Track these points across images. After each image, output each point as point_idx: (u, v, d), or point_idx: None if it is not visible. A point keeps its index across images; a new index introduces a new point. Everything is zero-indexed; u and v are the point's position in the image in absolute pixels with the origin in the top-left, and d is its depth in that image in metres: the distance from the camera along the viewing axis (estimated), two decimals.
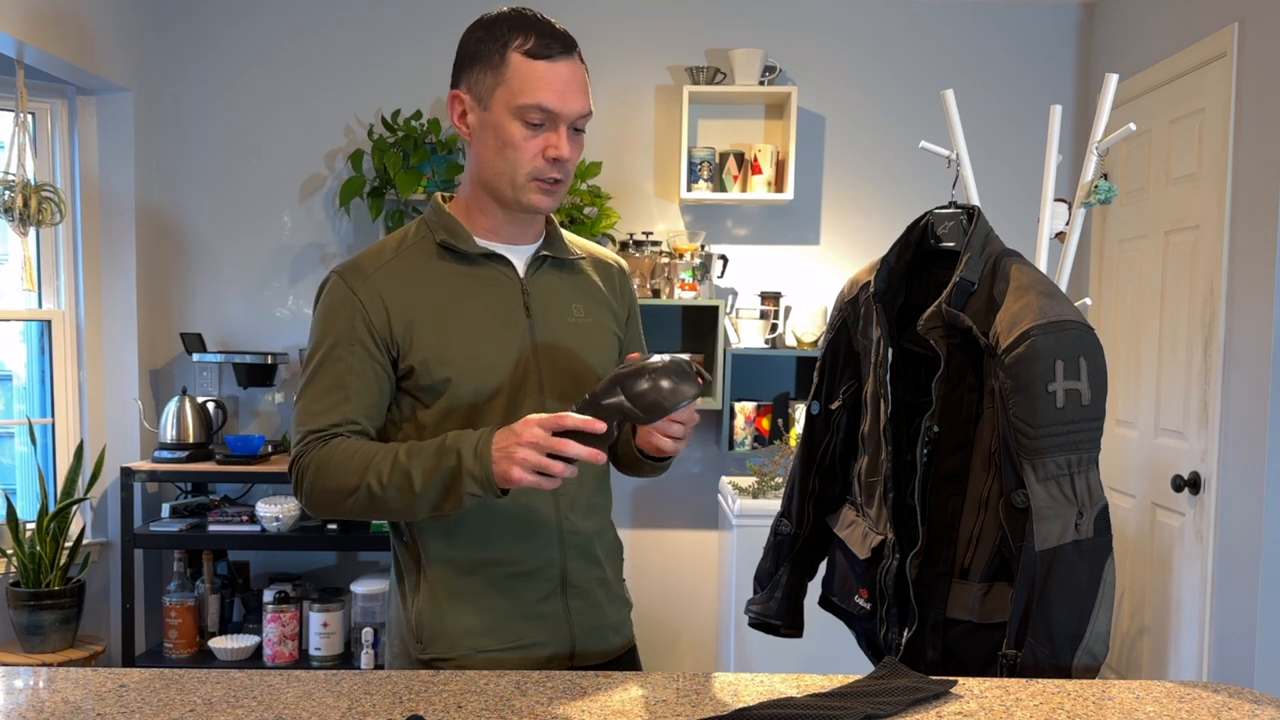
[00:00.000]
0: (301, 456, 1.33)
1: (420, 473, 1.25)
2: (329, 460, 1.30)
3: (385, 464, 1.27)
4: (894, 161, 3.66)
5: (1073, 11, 3.66)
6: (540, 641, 1.39)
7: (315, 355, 1.36)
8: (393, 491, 1.26)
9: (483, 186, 1.38)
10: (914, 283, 1.68)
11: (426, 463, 1.25)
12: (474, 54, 1.34)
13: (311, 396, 1.35)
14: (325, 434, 1.32)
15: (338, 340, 1.34)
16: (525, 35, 1.31)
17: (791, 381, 3.69)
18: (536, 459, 1.18)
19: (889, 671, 1.24)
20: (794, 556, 1.81)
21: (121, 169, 3.48)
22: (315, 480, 1.31)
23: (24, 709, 1.13)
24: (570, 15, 3.60)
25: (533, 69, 1.30)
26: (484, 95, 1.33)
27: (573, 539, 1.41)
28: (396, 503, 1.27)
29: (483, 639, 1.37)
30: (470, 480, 1.22)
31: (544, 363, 1.39)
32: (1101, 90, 2.12)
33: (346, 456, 1.30)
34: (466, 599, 1.37)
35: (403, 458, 1.27)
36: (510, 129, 1.31)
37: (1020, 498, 1.39)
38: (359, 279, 1.35)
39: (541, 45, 1.31)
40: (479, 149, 1.36)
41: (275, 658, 3.34)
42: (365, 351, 1.34)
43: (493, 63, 1.32)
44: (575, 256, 1.48)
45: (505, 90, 1.31)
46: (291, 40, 3.64)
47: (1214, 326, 2.78)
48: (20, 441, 3.54)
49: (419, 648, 1.38)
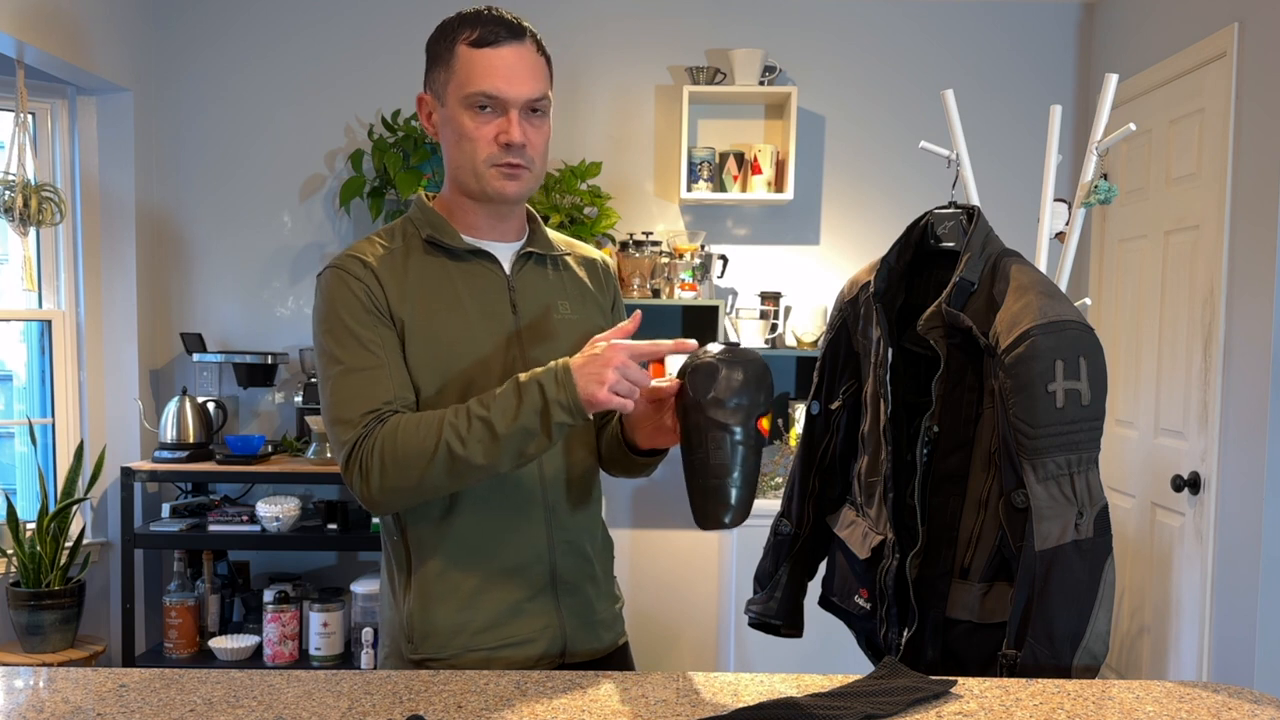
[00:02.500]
0: (362, 440, 1.28)
1: (502, 416, 1.23)
2: (394, 431, 1.26)
3: (460, 420, 1.25)
4: (894, 161, 3.66)
5: (1073, 11, 3.66)
6: (531, 639, 1.39)
7: (339, 341, 1.32)
8: (474, 445, 1.23)
9: (455, 183, 1.40)
10: (914, 283, 1.69)
11: (506, 404, 1.24)
12: (432, 55, 1.37)
13: (351, 381, 1.31)
14: (381, 413, 1.29)
15: (359, 320, 1.32)
16: (472, 27, 1.33)
17: (791, 381, 3.69)
18: (627, 384, 1.22)
19: (889, 671, 1.24)
20: (794, 556, 1.81)
21: (121, 169, 3.48)
22: (384, 457, 1.26)
23: (24, 709, 1.13)
24: (570, 15, 3.61)
25: (478, 57, 1.32)
26: (440, 92, 1.36)
27: (562, 535, 1.41)
28: (480, 457, 1.24)
29: (474, 637, 1.37)
30: (559, 409, 1.22)
31: (529, 359, 1.39)
32: (1101, 90, 2.12)
33: (414, 423, 1.27)
34: (457, 598, 1.37)
35: (477, 408, 1.25)
36: (463, 120, 1.33)
37: (1020, 498, 1.39)
38: (358, 266, 1.35)
39: (486, 33, 1.32)
40: (445, 146, 1.39)
41: (275, 658, 3.34)
42: (386, 328, 1.33)
43: (444, 59, 1.35)
44: (559, 253, 1.49)
45: (454, 83, 1.33)
46: (291, 40, 3.64)
47: (1214, 326, 2.78)
48: (20, 441, 3.55)
49: (409, 647, 1.38)
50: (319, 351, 1.36)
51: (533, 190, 1.41)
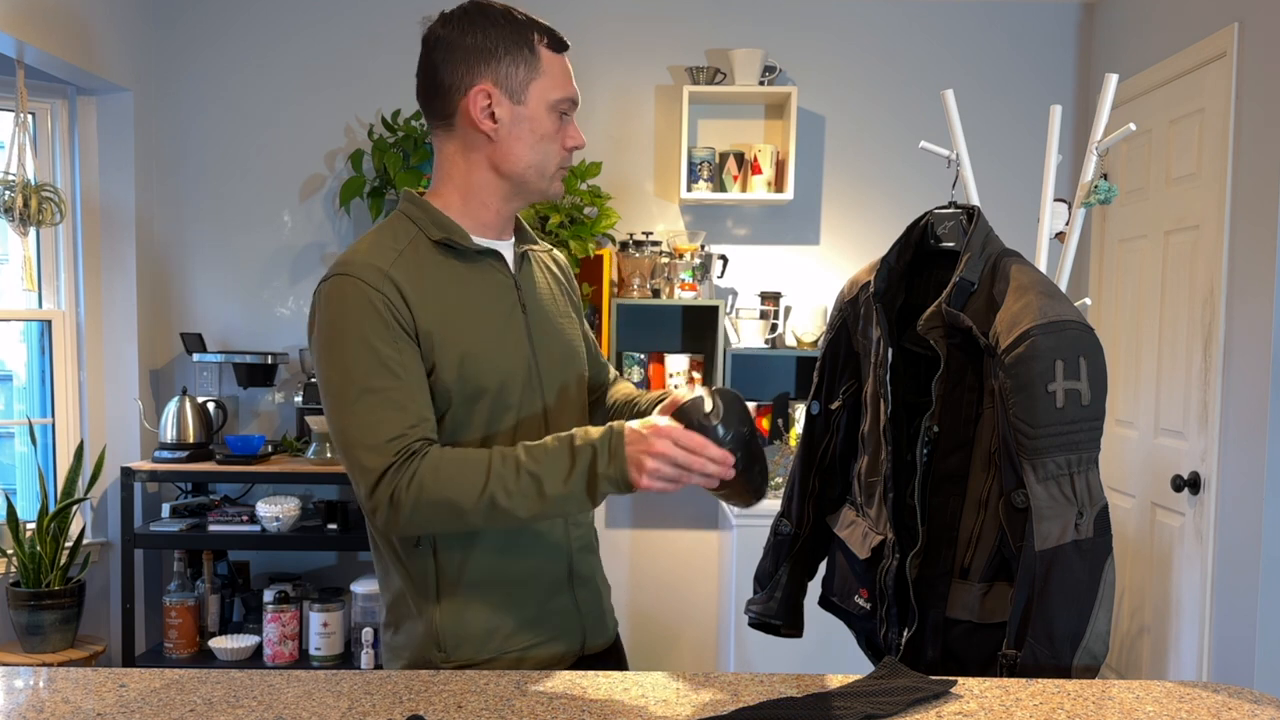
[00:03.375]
0: (396, 469, 1.23)
1: (553, 476, 1.22)
2: (438, 472, 1.23)
3: (509, 471, 1.22)
4: (894, 161, 3.66)
5: (1073, 11, 3.66)
6: (557, 636, 1.42)
7: (356, 358, 1.25)
8: (520, 500, 1.22)
9: (506, 180, 1.36)
10: (914, 283, 1.68)
11: (559, 465, 1.22)
12: (498, 47, 1.32)
13: (370, 404, 1.24)
14: (407, 439, 1.25)
15: (379, 337, 1.25)
16: (540, 30, 1.35)
17: (791, 381, 3.69)
18: (667, 472, 1.21)
19: (889, 671, 1.24)
20: (794, 556, 1.81)
21: (121, 169, 3.48)
22: (424, 495, 1.22)
23: (24, 709, 1.13)
24: (571, 15, 3.61)
25: (559, 63, 1.36)
26: (517, 89, 1.33)
27: (576, 532, 1.46)
28: (523, 511, 1.23)
29: (507, 640, 1.38)
30: (606, 482, 1.22)
31: (541, 357, 1.40)
32: (1101, 90, 2.12)
33: (458, 466, 1.23)
34: (489, 603, 1.37)
35: (528, 463, 1.23)
36: (548, 122, 1.35)
37: (1020, 498, 1.39)
38: (375, 275, 1.27)
39: (556, 39, 1.36)
40: (509, 143, 1.34)
41: (275, 658, 3.34)
42: (408, 345, 1.27)
43: (523, 56, 1.33)
44: (543, 249, 1.53)
45: (543, 84, 1.34)
46: (291, 40, 3.64)
47: (1214, 326, 2.78)
48: (20, 441, 3.54)
49: (441, 656, 1.36)
50: (329, 366, 1.28)
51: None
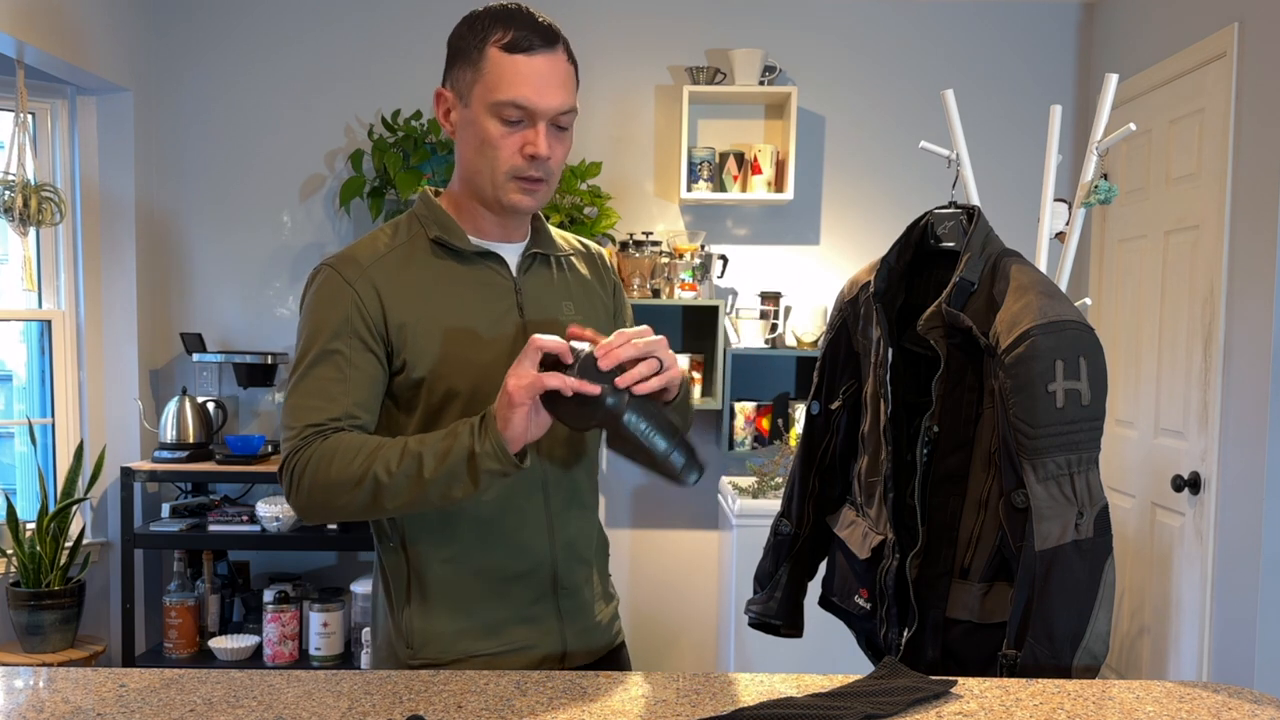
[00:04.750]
0: (299, 450, 1.25)
1: (432, 457, 1.19)
2: (332, 452, 1.23)
3: (393, 453, 1.21)
4: (894, 161, 3.66)
5: (1073, 11, 3.66)
6: (533, 644, 1.38)
7: (311, 348, 1.30)
8: (400, 480, 1.20)
9: (468, 186, 1.36)
10: (914, 283, 1.68)
11: (438, 446, 1.20)
12: (457, 50, 1.32)
13: (307, 390, 1.28)
14: (324, 428, 1.26)
15: (335, 332, 1.29)
16: (504, 29, 1.27)
17: (791, 381, 3.69)
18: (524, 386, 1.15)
19: (889, 671, 1.24)
20: (794, 556, 1.81)
21: (121, 169, 3.48)
22: (315, 474, 1.23)
23: (24, 709, 1.13)
24: (570, 15, 3.60)
25: (510, 64, 1.26)
26: (464, 92, 1.30)
27: (563, 540, 1.40)
28: (404, 493, 1.21)
29: (475, 643, 1.35)
30: (486, 458, 1.17)
31: None
32: (1101, 90, 2.12)
33: (350, 447, 1.23)
34: (459, 604, 1.36)
35: (413, 443, 1.22)
36: (488, 126, 1.28)
37: (1020, 498, 1.39)
38: (354, 271, 1.31)
39: (520, 39, 1.27)
40: (461, 147, 1.34)
41: (275, 658, 3.34)
42: (362, 344, 1.29)
43: (472, 58, 1.29)
44: (564, 253, 1.47)
45: (482, 86, 1.27)
46: (291, 40, 3.64)
47: (1214, 326, 2.78)
48: (20, 441, 3.54)
49: (409, 653, 1.35)
50: (296, 343, 1.34)
51: (546, 202, 1.37)
